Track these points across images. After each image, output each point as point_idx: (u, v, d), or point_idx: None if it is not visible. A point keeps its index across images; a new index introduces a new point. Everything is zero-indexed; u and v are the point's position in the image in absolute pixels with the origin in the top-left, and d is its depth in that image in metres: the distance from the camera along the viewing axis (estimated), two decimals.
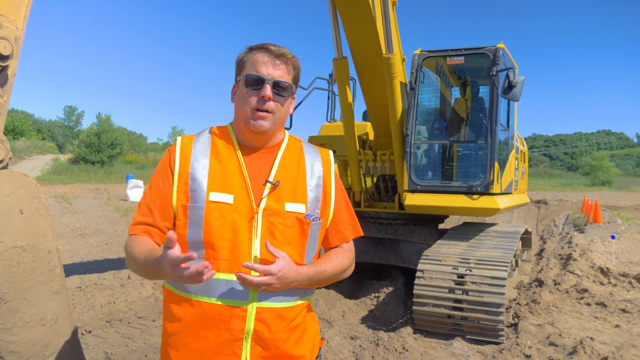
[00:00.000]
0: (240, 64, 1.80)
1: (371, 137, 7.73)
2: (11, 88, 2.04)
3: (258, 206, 1.72)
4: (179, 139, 1.82)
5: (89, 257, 9.22)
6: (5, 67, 1.97)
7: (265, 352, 1.70)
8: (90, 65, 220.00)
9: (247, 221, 1.70)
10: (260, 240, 1.69)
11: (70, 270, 7.69)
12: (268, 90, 1.71)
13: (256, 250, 1.69)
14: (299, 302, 1.80)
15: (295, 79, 1.83)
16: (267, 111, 1.73)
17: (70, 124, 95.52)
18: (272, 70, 1.73)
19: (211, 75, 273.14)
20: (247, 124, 1.75)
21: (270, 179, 1.76)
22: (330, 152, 1.98)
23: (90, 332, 5.21)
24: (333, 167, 1.93)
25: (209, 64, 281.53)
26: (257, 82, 1.72)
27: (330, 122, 8.69)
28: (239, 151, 1.80)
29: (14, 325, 1.93)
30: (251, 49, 1.78)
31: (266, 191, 1.74)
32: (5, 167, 2.04)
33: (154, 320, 5.70)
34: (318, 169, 1.87)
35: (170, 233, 1.45)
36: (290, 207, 1.75)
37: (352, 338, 5.26)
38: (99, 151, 46.33)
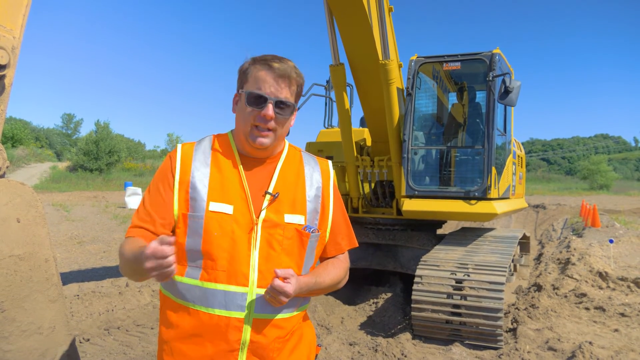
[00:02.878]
0: (243, 76, 1.78)
1: (369, 143, 7.75)
2: (8, 97, 2.04)
3: (258, 217, 1.71)
4: (179, 146, 1.82)
5: (87, 265, 9.20)
6: (2, 77, 1.97)
7: None
8: (88, 73, 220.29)
9: (247, 232, 1.69)
10: (260, 251, 1.69)
11: (69, 278, 7.68)
12: (270, 110, 1.70)
13: (255, 261, 1.68)
14: (296, 312, 1.80)
15: (298, 95, 1.81)
16: (268, 129, 1.73)
17: (68, 132, 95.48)
18: (275, 89, 1.71)
19: (209, 82, 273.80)
20: (248, 139, 1.75)
21: (270, 190, 1.76)
22: (329, 162, 1.98)
23: (88, 340, 5.20)
24: (332, 177, 1.93)
25: (207, 71, 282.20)
26: (259, 101, 1.71)
27: (327, 128, 8.71)
28: (240, 162, 1.79)
29: (11, 334, 1.93)
30: (255, 62, 1.75)
31: (265, 202, 1.74)
32: (2, 176, 2.05)
33: (152, 328, 5.69)
34: (317, 180, 1.87)
35: (171, 239, 1.42)
36: (289, 218, 1.75)
37: (350, 344, 5.26)
38: (97, 159, 46.28)
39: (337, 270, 1.89)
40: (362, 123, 8.75)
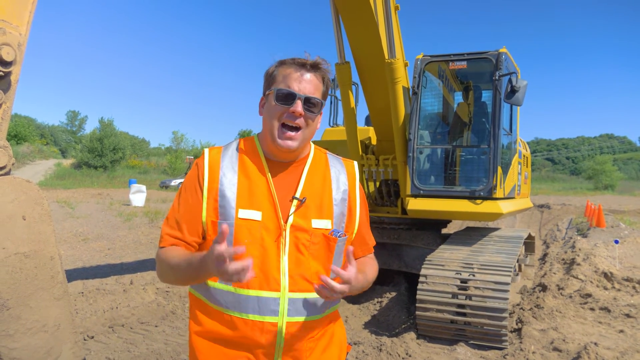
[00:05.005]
0: (270, 78, 1.77)
1: (374, 141, 7.73)
2: (14, 94, 2.03)
3: (286, 223, 1.71)
4: (206, 151, 1.81)
5: (91, 263, 9.23)
6: (9, 73, 1.96)
7: None
8: (93, 70, 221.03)
9: (275, 238, 1.70)
10: (289, 256, 1.70)
11: (73, 275, 7.70)
12: (299, 106, 1.69)
13: (285, 266, 1.69)
14: (327, 312, 1.82)
15: (325, 93, 1.81)
16: (296, 128, 1.72)
17: (73, 129, 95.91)
18: (304, 86, 1.71)
19: (213, 80, 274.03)
20: (274, 141, 1.73)
21: (297, 195, 1.75)
22: (355, 163, 1.97)
23: (92, 337, 5.21)
24: (358, 179, 1.93)
25: (211, 69, 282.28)
26: (288, 97, 1.70)
27: (332, 126, 8.69)
28: (267, 166, 1.79)
29: (16, 332, 1.92)
30: (282, 63, 1.76)
31: (293, 208, 1.74)
32: (8, 173, 2.04)
33: (156, 326, 5.70)
34: (343, 182, 1.87)
35: (224, 227, 1.42)
36: (316, 223, 1.75)
37: (355, 343, 5.25)
38: (101, 156, 46.48)
39: (373, 267, 1.91)
40: (368, 122, 8.72)
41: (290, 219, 1.72)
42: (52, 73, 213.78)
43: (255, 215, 1.70)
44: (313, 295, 1.72)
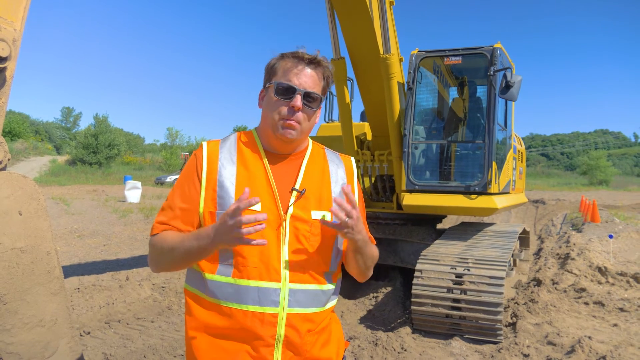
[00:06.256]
0: (270, 71, 1.78)
1: (369, 137, 7.74)
2: (9, 90, 2.03)
3: (285, 213, 1.71)
4: (204, 144, 1.81)
5: (87, 259, 9.21)
6: (3, 69, 1.96)
7: (297, 357, 1.71)
8: (87, 66, 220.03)
9: (275, 228, 1.69)
10: (289, 247, 1.70)
11: (69, 271, 7.69)
12: (298, 100, 1.70)
13: (285, 256, 1.69)
14: (327, 306, 1.82)
15: (325, 89, 1.81)
16: (295, 121, 1.72)
17: (67, 126, 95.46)
18: (304, 81, 1.71)
19: (208, 76, 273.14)
20: (275, 132, 1.74)
21: (297, 186, 1.76)
22: (352, 159, 1.98)
23: (89, 333, 5.21)
24: (355, 174, 1.94)
25: (206, 65, 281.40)
26: (287, 92, 1.70)
27: (328, 122, 8.69)
28: (265, 158, 1.79)
29: (13, 327, 1.93)
30: (284, 56, 1.76)
31: (292, 199, 1.74)
32: (3, 169, 2.04)
33: (152, 322, 5.70)
34: (342, 177, 1.88)
35: (247, 189, 1.49)
36: (316, 214, 1.75)
37: (350, 338, 5.27)
38: (96, 152, 46.27)
39: (376, 251, 1.90)
40: (363, 117, 8.73)
41: (290, 210, 1.72)
42: (47, 69, 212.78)
43: (255, 205, 1.69)
44: (314, 287, 1.73)
